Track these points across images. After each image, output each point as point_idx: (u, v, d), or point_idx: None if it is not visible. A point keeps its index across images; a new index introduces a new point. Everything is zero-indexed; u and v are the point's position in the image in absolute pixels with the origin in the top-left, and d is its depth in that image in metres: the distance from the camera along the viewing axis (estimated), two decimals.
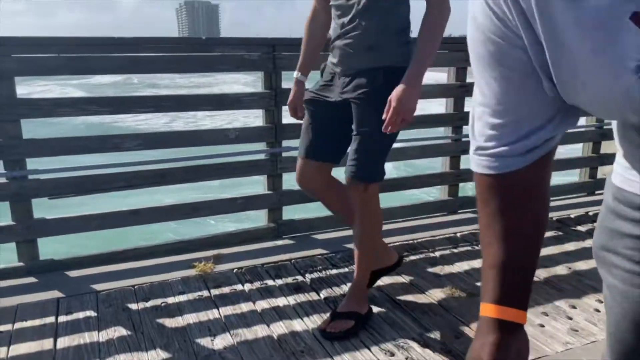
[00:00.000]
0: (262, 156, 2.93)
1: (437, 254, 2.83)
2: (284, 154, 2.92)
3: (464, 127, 3.35)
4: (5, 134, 2.40)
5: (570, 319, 2.19)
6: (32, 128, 2.64)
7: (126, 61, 2.58)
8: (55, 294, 2.33)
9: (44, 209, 2.66)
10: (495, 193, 0.73)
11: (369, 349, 1.96)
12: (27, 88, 23.84)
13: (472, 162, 0.75)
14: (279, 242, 2.92)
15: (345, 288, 2.41)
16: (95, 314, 2.19)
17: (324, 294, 2.38)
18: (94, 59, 2.54)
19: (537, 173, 0.73)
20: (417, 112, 1.89)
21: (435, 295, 2.37)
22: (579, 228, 3.21)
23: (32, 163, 2.51)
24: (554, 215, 3.40)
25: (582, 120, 3.75)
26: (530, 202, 0.74)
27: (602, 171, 4.03)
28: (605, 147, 3.94)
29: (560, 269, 2.66)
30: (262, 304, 2.27)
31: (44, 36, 2.98)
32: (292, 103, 2.20)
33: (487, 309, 0.74)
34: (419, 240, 2.99)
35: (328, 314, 2.13)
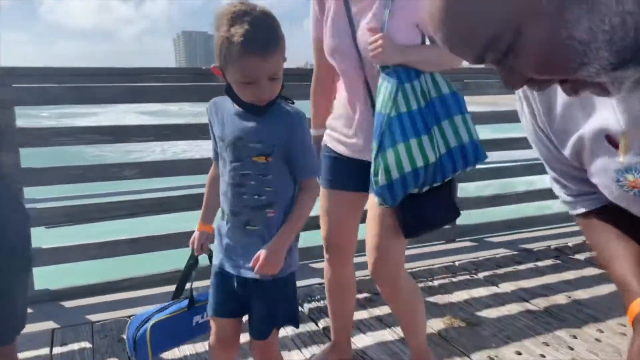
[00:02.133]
0: None
1: (436, 282, 2.82)
2: None
3: None
4: (4, 163, 2.41)
5: (572, 349, 2.17)
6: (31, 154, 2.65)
7: (128, 91, 2.61)
8: (50, 324, 2.30)
9: (39, 236, 2.65)
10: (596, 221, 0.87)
11: None
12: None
13: (572, 208, 0.90)
14: None
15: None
16: (90, 345, 2.16)
17: (322, 323, 2.35)
18: (95, 88, 2.56)
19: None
20: None
21: (435, 325, 2.35)
22: (578, 256, 3.20)
23: (29, 192, 2.51)
24: (552, 243, 3.40)
25: None
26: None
27: None
28: None
29: (560, 298, 2.64)
30: None
31: (45, 66, 3.00)
32: None
33: None
34: (417, 269, 2.97)
35: (327, 344, 2.10)
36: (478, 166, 1.72)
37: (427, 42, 1.67)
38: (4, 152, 2.38)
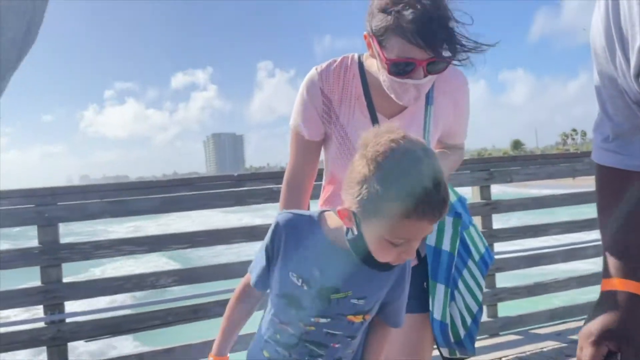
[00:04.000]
0: None
1: None
2: None
3: (494, 244, 3.32)
4: (47, 279, 2.48)
5: None
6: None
7: (160, 202, 2.72)
8: None
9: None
10: (623, 185, 0.87)
11: None
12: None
13: (601, 156, 0.91)
14: None
15: None
16: None
17: None
18: (131, 201, 2.68)
19: None
20: None
21: None
22: None
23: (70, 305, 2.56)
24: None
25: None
26: None
27: None
28: None
29: None
30: None
31: (86, 184, 3.17)
32: None
33: (613, 283, 0.85)
34: None
35: None
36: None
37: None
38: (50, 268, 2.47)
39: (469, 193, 3.40)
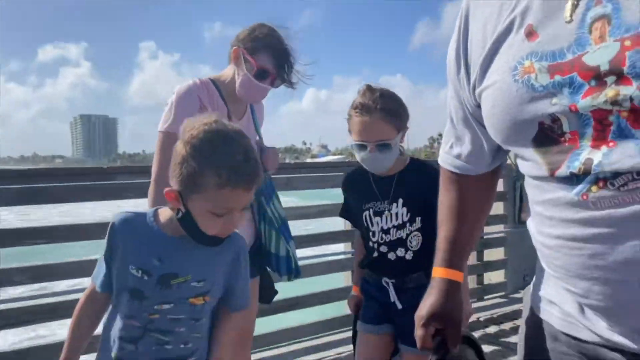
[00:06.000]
0: None
1: None
2: None
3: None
4: None
5: None
6: None
7: (16, 192, 2.51)
8: None
9: None
10: (458, 186, 1.04)
11: None
12: None
13: (444, 160, 1.05)
14: None
15: None
16: None
17: None
18: None
19: (491, 177, 1.05)
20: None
21: None
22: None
23: None
24: None
25: None
26: (481, 197, 1.06)
27: (487, 277, 4.38)
28: (488, 255, 4.33)
29: None
30: None
31: None
32: None
33: (438, 272, 1.04)
34: (330, 358, 2.98)
35: None
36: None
37: None
38: None
39: None
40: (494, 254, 4.42)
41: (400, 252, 1.76)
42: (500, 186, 4.23)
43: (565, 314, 0.85)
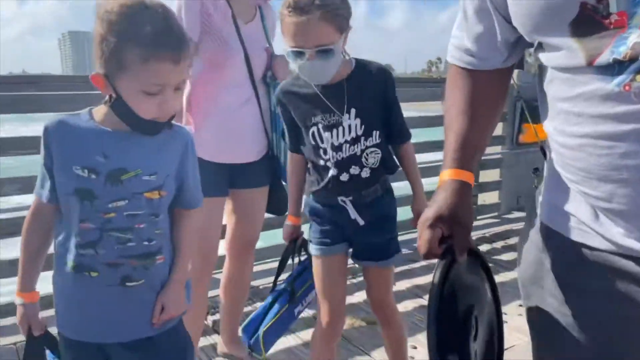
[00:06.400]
0: None
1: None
2: None
3: None
4: None
5: None
6: None
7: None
8: None
9: None
10: (469, 82, 0.96)
11: None
12: None
13: (454, 56, 0.97)
14: None
15: None
16: None
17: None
18: None
19: (504, 74, 0.97)
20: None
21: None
22: None
23: None
24: None
25: None
26: (494, 94, 0.98)
27: (481, 198, 4.40)
28: (483, 177, 4.32)
29: None
30: None
31: None
32: None
33: (448, 174, 0.93)
34: None
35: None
36: None
37: None
38: None
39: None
40: (488, 175, 4.41)
41: (354, 170, 1.60)
42: None
43: (577, 221, 0.81)
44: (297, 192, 1.77)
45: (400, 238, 1.71)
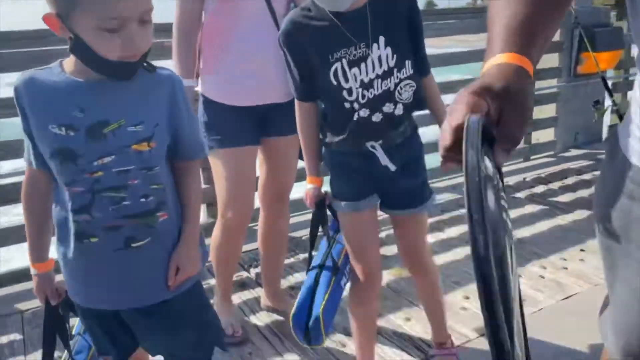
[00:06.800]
0: None
1: (383, 234, 2.79)
2: None
3: None
4: None
5: None
6: None
7: None
8: None
9: None
10: None
11: None
12: None
13: None
14: None
15: (293, 280, 2.33)
16: (21, 337, 2.01)
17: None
18: None
19: None
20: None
21: (384, 277, 2.32)
22: (518, 195, 3.25)
23: None
24: None
25: None
26: None
27: (535, 137, 4.12)
28: (537, 113, 4.03)
29: None
30: None
31: None
32: None
33: (500, 58, 0.70)
34: None
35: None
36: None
37: None
38: None
39: None
40: (543, 111, 4.10)
41: (387, 108, 1.41)
42: (556, 36, 3.79)
43: None
44: (314, 147, 1.55)
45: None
